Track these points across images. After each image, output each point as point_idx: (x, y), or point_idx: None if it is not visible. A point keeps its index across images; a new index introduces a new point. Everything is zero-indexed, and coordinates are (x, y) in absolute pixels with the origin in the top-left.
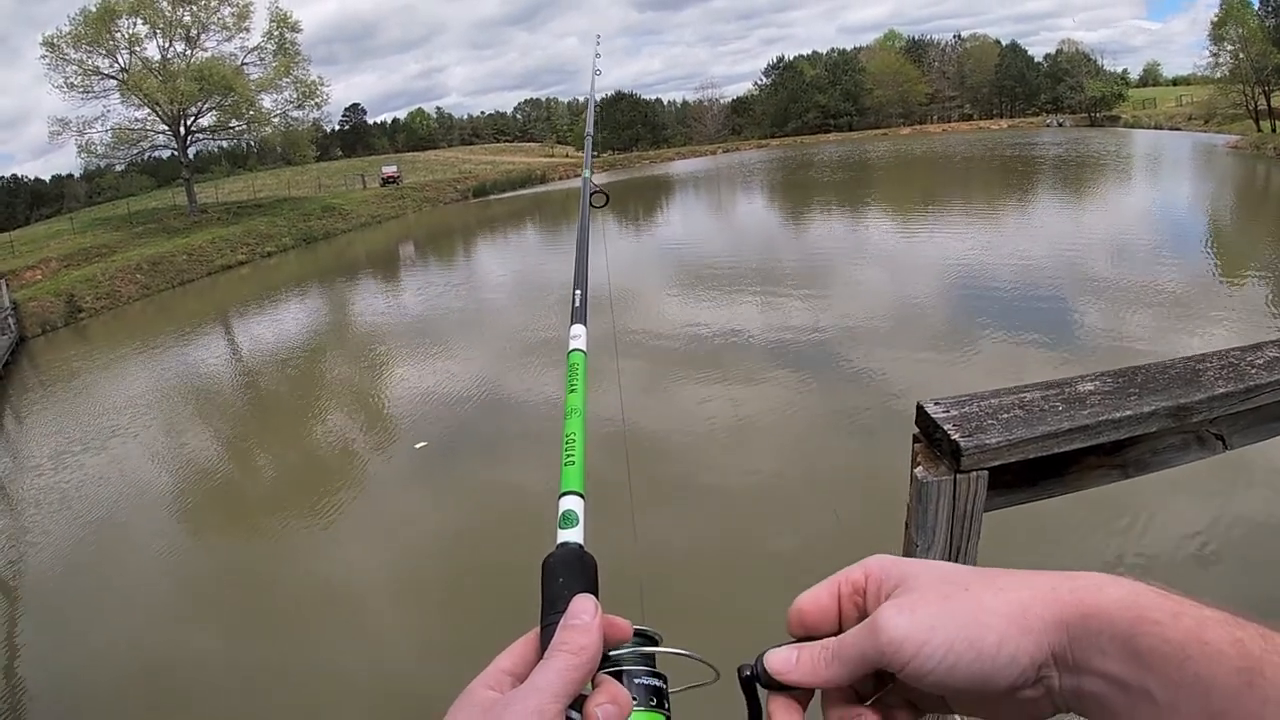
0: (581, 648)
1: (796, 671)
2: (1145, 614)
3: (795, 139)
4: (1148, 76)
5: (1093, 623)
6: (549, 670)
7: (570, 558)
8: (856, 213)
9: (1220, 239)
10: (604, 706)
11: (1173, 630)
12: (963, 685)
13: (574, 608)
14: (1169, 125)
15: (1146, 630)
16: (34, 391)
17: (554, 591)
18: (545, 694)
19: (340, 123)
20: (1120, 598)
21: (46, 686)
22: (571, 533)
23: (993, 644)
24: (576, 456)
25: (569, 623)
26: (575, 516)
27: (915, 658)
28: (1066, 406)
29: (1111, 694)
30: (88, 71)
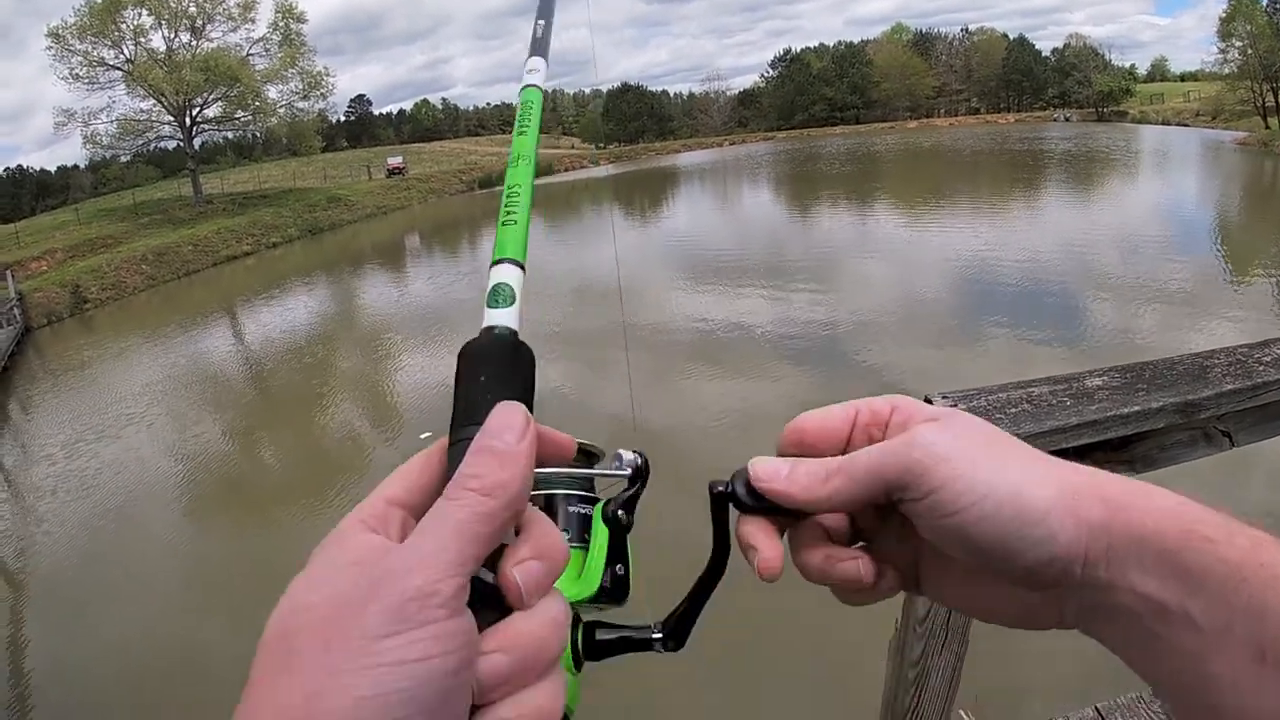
0: (498, 485)
1: (788, 482)
2: (1196, 529)
3: (802, 131)
4: (1155, 72)
5: (1137, 532)
6: (446, 524)
7: (500, 349)
8: (864, 207)
9: (1228, 236)
10: (527, 565)
11: (1227, 549)
12: (984, 542)
13: (494, 421)
14: (1176, 121)
15: (1197, 547)
16: (41, 382)
17: (473, 393)
18: (437, 564)
19: (346, 114)
20: (1170, 509)
21: (61, 674)
22: (503, 314)
23: (1039, 509)
24: (519, 215)
25: (485, 443)
26: (510, 293)
27: (947, 485)
28: (1074, 401)
29: (1145, 616)
30: (93, 63)
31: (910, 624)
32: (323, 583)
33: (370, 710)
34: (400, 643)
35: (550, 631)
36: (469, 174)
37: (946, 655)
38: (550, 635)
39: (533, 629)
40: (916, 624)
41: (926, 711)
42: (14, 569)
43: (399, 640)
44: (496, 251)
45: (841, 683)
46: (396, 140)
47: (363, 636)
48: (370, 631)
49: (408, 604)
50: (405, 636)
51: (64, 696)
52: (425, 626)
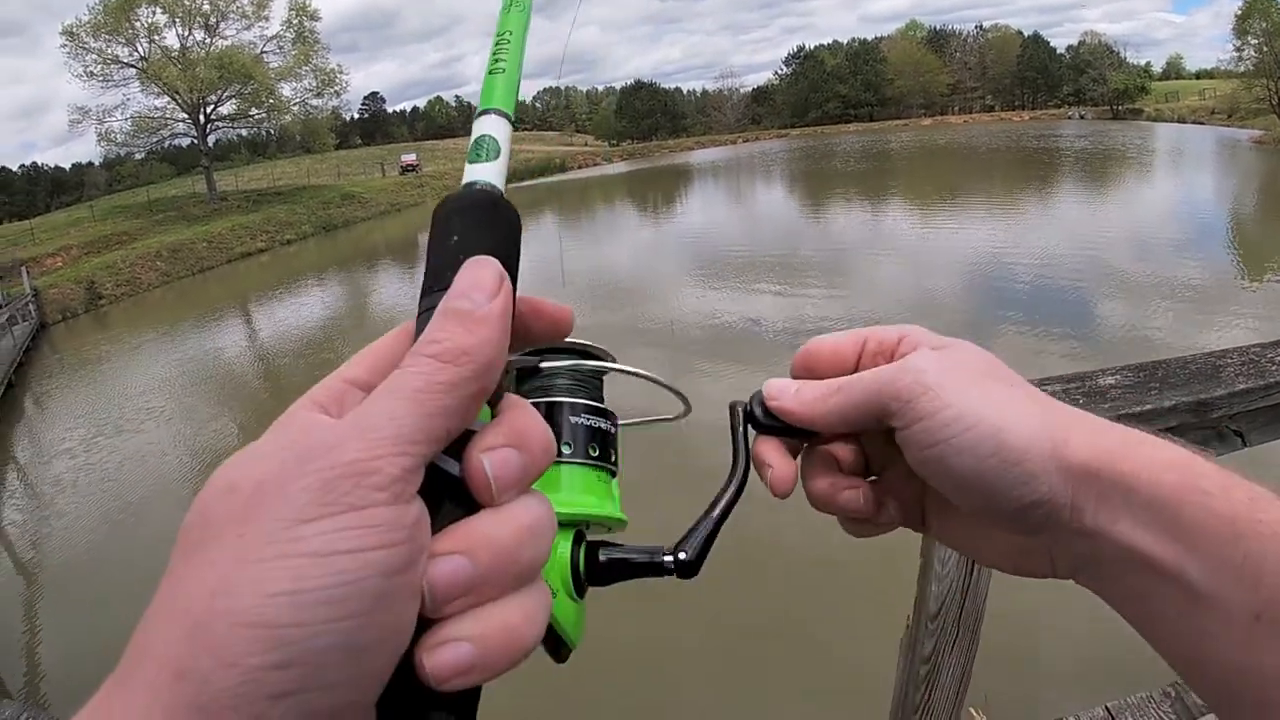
0: (461, 351)
1: (794, 400)
2: (1194, 481)
3: (815, 129)
4: (1171, 70)
5: (1128, 481)
6: (395, 392)
7: (479, 204)
8: (878, 204)
9: (1243, 235)
10: (498, 453)
11: (1223, 504)
12: (963, 477)
13: (461, 280)
14: (1192, 119)
15: (1194, 500)
16: (56, 377)
17: (443, 255)
18: (380, 435)
19: (360, 111)
20: (1166, 459)
21: (77, 664)
22: (485, 169)
23: (1018, 448)
24: (508, 62)
25: (449, 305)
26: (495, 145)
27: (934, 413)
28: (1087, 400)
29: (1138, 569)
30: (107, 60)
31: (922, 621)
32: (253, 459)
33: (282, 611)
34: (326, 528)
35: (526, 535)
36: None
37: (957, 653)
38: (525, 540)
39: (503, 530)
40: (928, 621)
41: (937, 709)
42: (28, 562)
43: (325, 525)
44: (482, 101)
45: (851, 679)
46: (410, 138)
47: (282, 519)
48: (292, 514)
49: (338, 480)
50: (334, 521)
51: (79, 686)
52: (359, 511)
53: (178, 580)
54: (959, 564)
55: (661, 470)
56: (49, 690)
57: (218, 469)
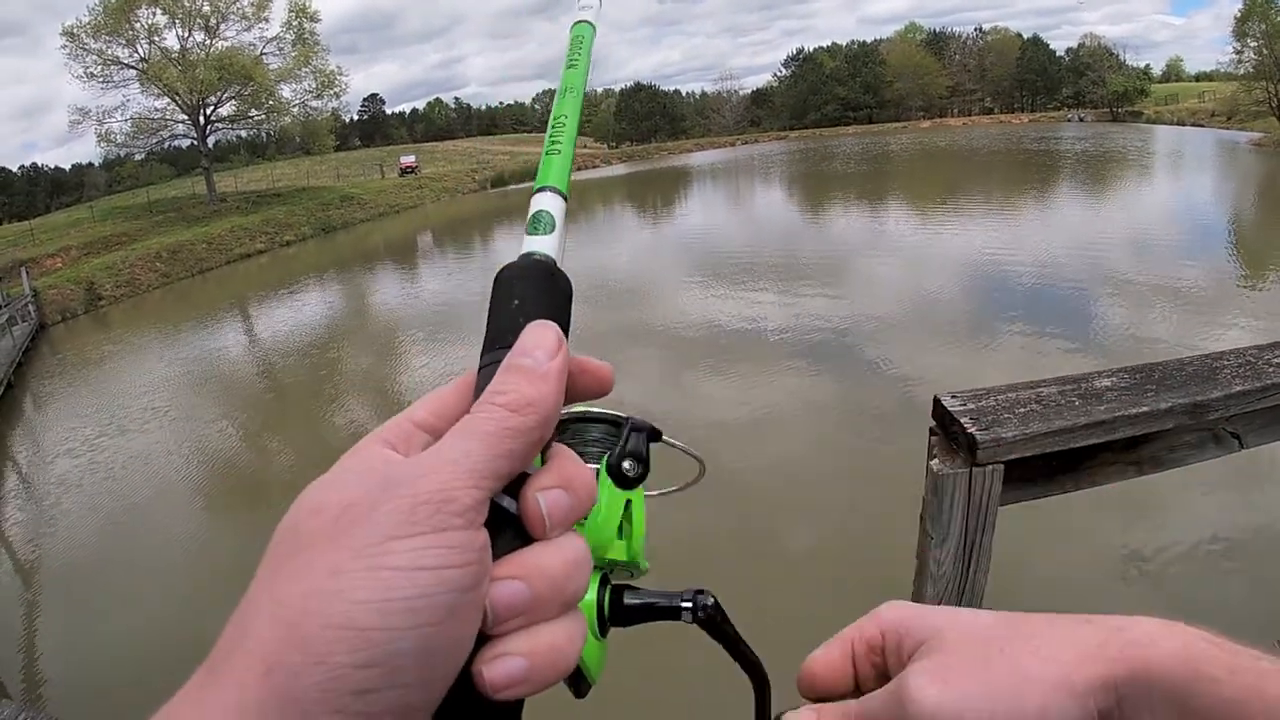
0: (527, 402)
1: None
2: (1201, 669)
3: (814, 131)
4: (1170, 72)
5: (1143, 682)
6: (470, 433)
7: (536, 272)
8: (878, 207)
9: (1242, 238)
10: (552, 493)
11: (1230, 688)
12: None
13: (526, 339)
14: (1191, 122)
15: (1203, 690)
16: (55, 378)
17: (503, 317)
18: (456, 471)
19: (359, 112)
20: (1174, 651)
21: (75, 663)
22: (542, 241)
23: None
24: (564, 145)
25: (515, 361)
26: (550, 220)
27: None
28: (1083, 402)
29: None
30: (107, 61)
31: None
32: (334, 487)
33: (368, 615)
34: (411, 545)
35: (572, 568)
36: (482, 173)
37: None
38: (571, 571)
39: (554, 561)
40: None
41: None
42: (27, 563)
43: (409, 544)
44: (539, 179)
45: None
46: (410, 139)
47: (371, 537)
48: (380, 532)
49: (421, 506)
50: (417, 540)
51: (76, 684)
52: (439, 533)
53: (269, 586)
54: (955, 564)
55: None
56: (48, 690)
57: (303, 493)
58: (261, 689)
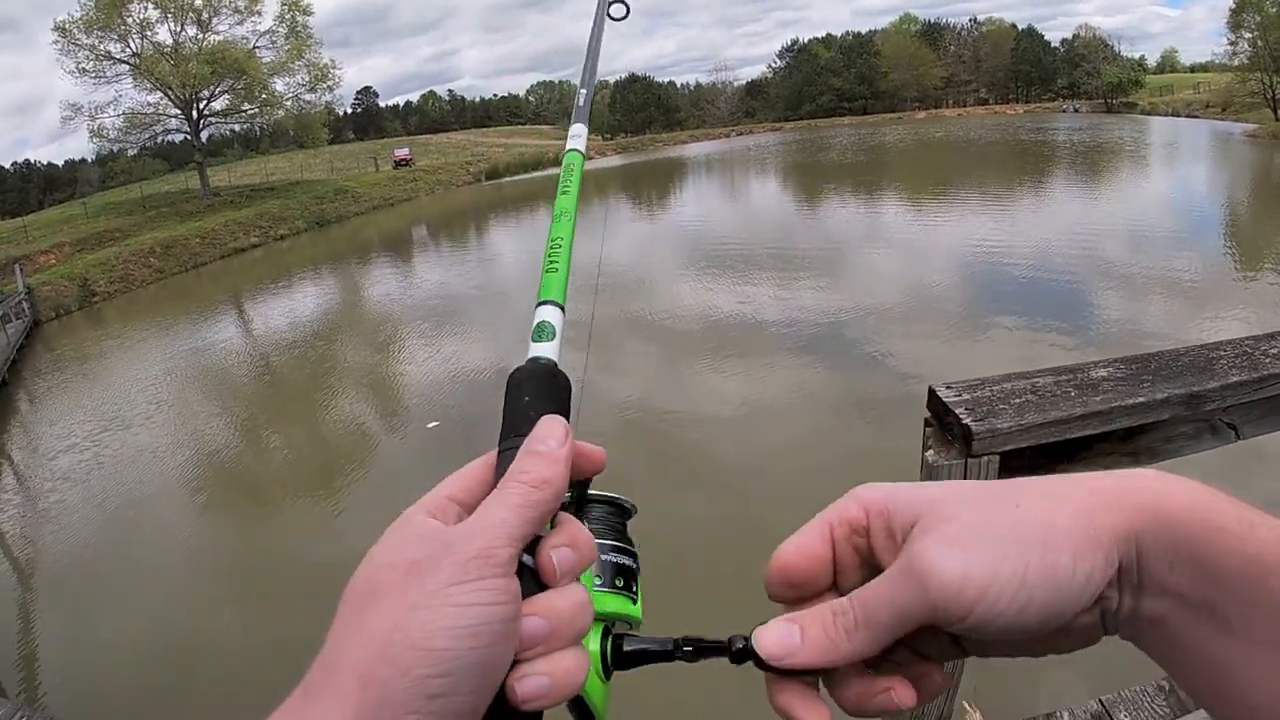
0: (543, 480)
1: (806, 652)
2: (1218, 520)
3: (809, 122)
4: (1165, 63)
5: (1165, 532)
6: (502, 505)
7: (541, 374)
8: (875, 198)
9: (1237, 229)
10: (561, 550)
11: (1251, 543)
12: (1034, 623)
13: (540, 430)
14: (1186, 113)
15: (1221, 541)
16: (48, 375)
17: (517, 411)
18: (496, 533)
19: (353, 106)
20: (1189, 502)
21: (72, 660)
22: (545, 347)
23: (1067, 566)
24: (561, 264)
25: (532, 448)
26: (552, 329)
27: (980, 602)
28: (1079, 392)
29: (1174, 615)
30: (99, 56)
31: None
32: (400, 548)
33: (442, 639)
34: (467, 589)
35: (578, 609)
36: (476, 165)
37: None
38: (577, 611)
39: (564, 603)
40: None
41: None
42: (23, 561)
43: (466, 588)
44: (541, 294)
45: None
46: (403, 132)
47: (439, 583)
48: (445, 580)
49: (473, 560)
50: (471, 585)
51: (74, 681)
52: (487, 580)
53: (355, 622)
54: None
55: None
56: (46, 690)
57: (369, 555)
58: (358, 698)
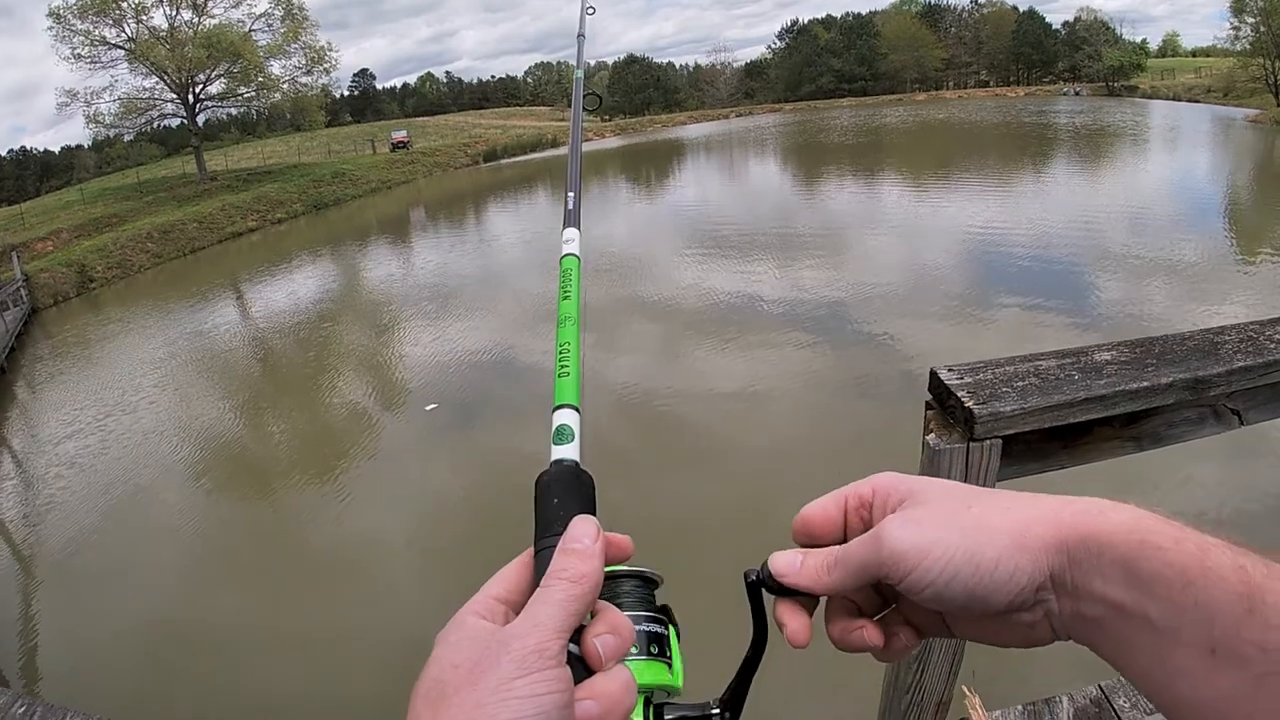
0: (582, 575)
1: (799, 575)
2: (1148, 538)
3: (809, 103)
4: (1167, 47)
5: (1093, 545)
6: (549, 602)
7: (566, 475)
8: (876, 180)
9: (1240, 214)
10: (604, 637)
11: (1175, 555)
12: (960, 599)
13: (574, 530)
14: (1187, 97)
15: (1148, 554)
16: (47, 362)
17: (549, 512)
18: (546, 630)
19: (350, 88)
20: (1123, 522)
21: (72, 646)
22: (567, 449)
23: (990, 559)
24: (571, 367)
25: (569, 547)
26: (571, 431)
27: (915, 569)
28: (1083, 376)
29: (1110, 619)
30: (94, 42)
31: None
32: (461, 649)
33: None
34: (527, 683)
35: (623, 689)
36: (474, 147)
37: None
38: (624, 691)
39: (611, 685)
40: None
41: (928, 687)
42: (23, 550)
43: (526, 681)
44: (557, 398)
45: (844, 659)
46: (401, 114)
47: (499, 680)
48: (505, 676)
49: (529, 656)
50: (530, 678)
51: (77, 675)
52: (543, 671)
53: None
54: None
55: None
56: (45, 678)
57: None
58: None
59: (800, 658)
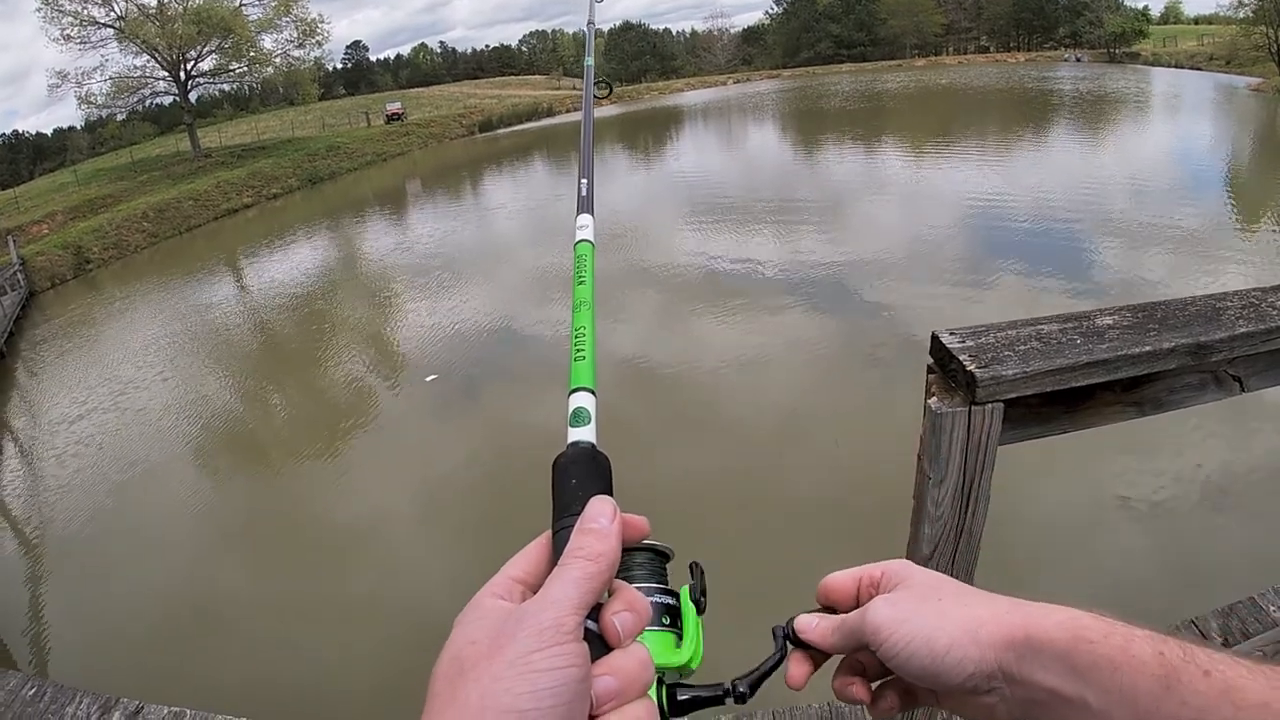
0: (599, 554)
1: (812, 633)
2: (1082, 634)
3: (807, 69)
4: (1169, 14)
5: (1035, 643)
6: (566, 580)
7: (583, 457)
8: (874, 146)
9: (1242, 181)
10: (621, 615)
11: (1104, 646)
12: (919, 673)
13: (591, 509)
14: (1189, 65)
15: (1082, 648)
16: (46, 345)
17: (567, 493)
18: (564, 606)
19: (343, 61)
20: (1061, 621)
21: (84, 636)
22: (583, 431)
23: (943, 645)
24: (587, 351)
25: (586, 526)
26: (587, 414)
27: (885, 642)
28: (1085, 340)
29: (1054, 704)
30: (84, 22)
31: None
32: (479, 627)
33: (525, 701)
34: (544, 656)
35: (641, 665)
36: (469, 118)
37: None
38: (641, 668)
39: (629, 661)
40: (922, 564)
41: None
42: (29, 533)
43: (543, 654)
44: (573, 382)
45: None
46: (395, 86)
47: (517, 654)
48: (522, 650)
49: (546, 630)
50: (548, 652)
51: (83, 656)
52: (561, 645)
53: (449, 695)
54: (953, 504)
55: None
56: (54, 659)
57: (453, 636)
58: None
59: None
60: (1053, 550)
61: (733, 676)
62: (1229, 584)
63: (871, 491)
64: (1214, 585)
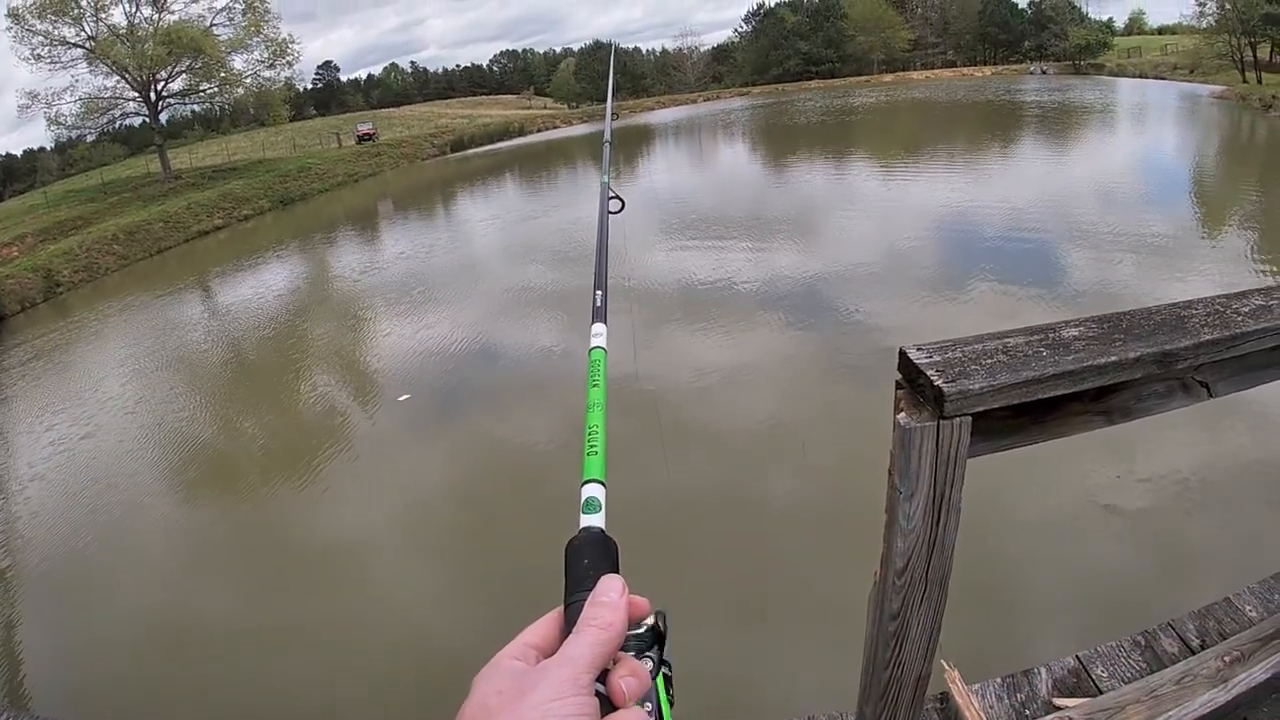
0: (609, 623)
1: None
2: None
3: (777, 86)
4: (1133, 25)
5: None
6: (580, 644)
7: (594, 540)
8: (845, 162)
9: (1206, 188)
10: (627, 679)
11: None
12: None
13: (603, 585)
14: (1154, 74)
15: None
16: (14, 371)
17: (579, 571)
18: (579, 665)
19: (314, 81)
20: None
21: (60, 657)
22: (594, 518)
23: None
24: (598, 447)
25: (599, 599)
26: (598, 503)
27: None
28: (1051, 352)
29: None
30: (54, 42)
31: (889, 578)
32: (502, 680)
33: None
34: (563, 704)
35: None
36: (440, 137)
37: (925, 608)
38: None
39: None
40: (895, 577)
41: (907, 663)
42: (3, 560)
43: (562, 703)
44: (585, 474)
45: (828, 635)
46: (366, 106)
47: (539, 700)
48: (543, 698)
49: (565, 683)
50: (566, 701)
51: (63, 685)
52: (577, 697)
53: None
54: (924, 518)
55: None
56: (34, 692)
57: (477, 687)
58: None
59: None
60: (1029, 555)
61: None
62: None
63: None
64: (1191, 586)
